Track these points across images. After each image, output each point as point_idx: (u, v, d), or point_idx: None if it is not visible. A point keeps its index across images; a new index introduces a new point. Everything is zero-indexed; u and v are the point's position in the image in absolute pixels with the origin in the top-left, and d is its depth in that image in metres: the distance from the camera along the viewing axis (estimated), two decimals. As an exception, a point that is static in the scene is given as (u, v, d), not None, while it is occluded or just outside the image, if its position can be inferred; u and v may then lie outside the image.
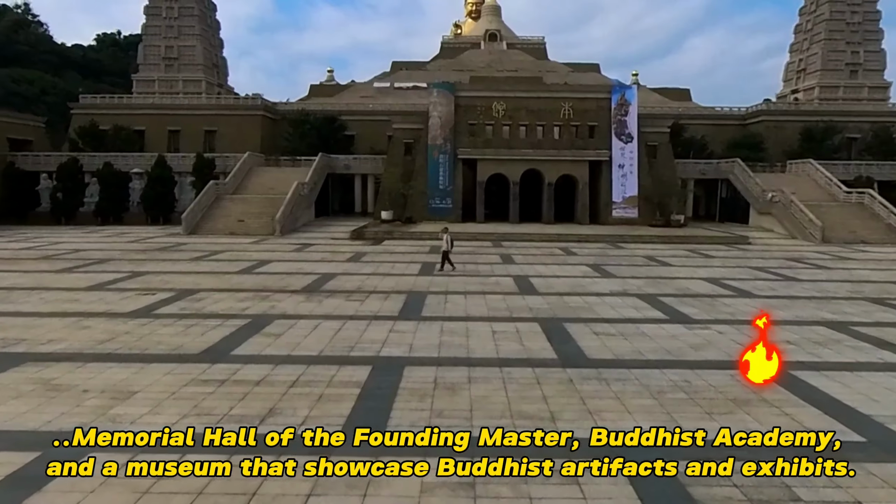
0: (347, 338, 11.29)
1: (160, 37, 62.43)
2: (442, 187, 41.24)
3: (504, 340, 11.18)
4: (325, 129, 53.10)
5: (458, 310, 13.99)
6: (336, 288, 16.90)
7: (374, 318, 13.07)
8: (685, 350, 10.68)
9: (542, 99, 41.76)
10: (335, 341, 11.03)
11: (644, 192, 40.83)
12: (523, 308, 14.24)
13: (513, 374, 9.12)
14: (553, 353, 10.35)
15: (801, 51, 67.00)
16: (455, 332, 11.75)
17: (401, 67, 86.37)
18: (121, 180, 42.98)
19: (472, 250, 26.64)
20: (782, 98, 67.91)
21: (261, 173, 43.62)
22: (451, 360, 9.89)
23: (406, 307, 14.32)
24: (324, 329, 11.94)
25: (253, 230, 34.44)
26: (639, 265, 22.74)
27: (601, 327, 12.28)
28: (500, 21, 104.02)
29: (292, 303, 14.70)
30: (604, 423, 7.24)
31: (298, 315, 13.29)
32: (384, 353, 10.31)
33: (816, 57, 63.62)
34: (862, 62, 62.72)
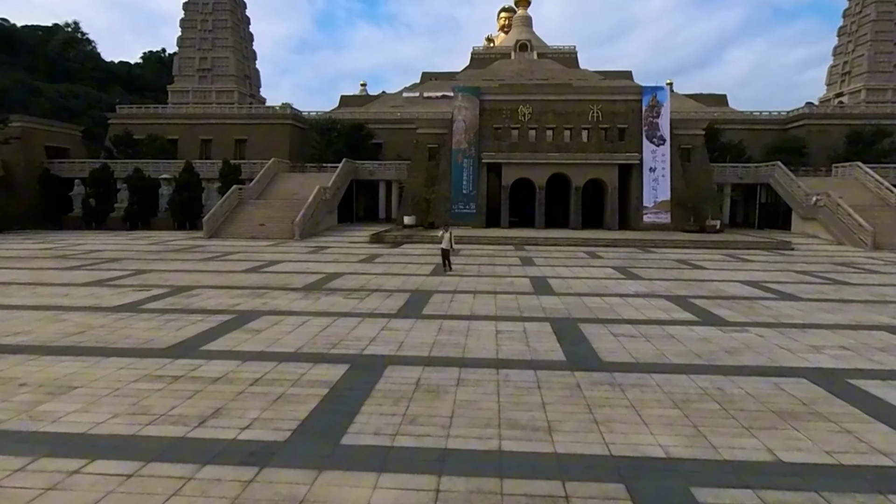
0: (333, 335, 10.17)
1: (195, 48, 63.52)
2: (466, 192, 40.10)
3: (507, 340, 9.87)
4: (352, 136, 52.73)
5: (462, 308, 12.74)
6: (338, 286, 15.85)
7: (368, 315, 11.93)
8: (718, 354, 9.17)
9: (570, 101, 40.30)
10: (318, 338, 9.92)
11: (677, 196, 38.83)
12: (536, 308, 12.88)
13: (510, 377, 7.82)
14: (561, 355, 8.99)
15: (845, 53, 63.84)
16: (454, 331, 10.50)
17: (431, 78, 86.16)
18: (150, 186, 43.31)
19: (492, 253, 25.35)
20: (825, 102, 64.67)
21: (285, 179, 43.33)
22: (443, 360, 8.65)
23: (407, 305, 13.14)
24: (310, 326, 10.85)
25: (273, 234, 33.94)
26: (669, 268, 21.03)
27: (621, 328, 10.84)
28: (530, 31, 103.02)
29: (287, 300, 13.69)
30: (613, 436, 5.89)
31: (289, 311, 12.27)
32: (368, 351, 9.14)
33: (862, 59, 60.43)
34: (911, 63, 59.19)
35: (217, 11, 63.24)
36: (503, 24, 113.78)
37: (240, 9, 66.17)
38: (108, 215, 43.18)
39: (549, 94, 41.11)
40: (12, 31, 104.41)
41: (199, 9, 63.15)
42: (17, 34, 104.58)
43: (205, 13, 63.11)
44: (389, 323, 11.20)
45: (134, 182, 42.48)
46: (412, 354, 8.93)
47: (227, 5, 63.15)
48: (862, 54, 60.28)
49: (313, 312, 12.19)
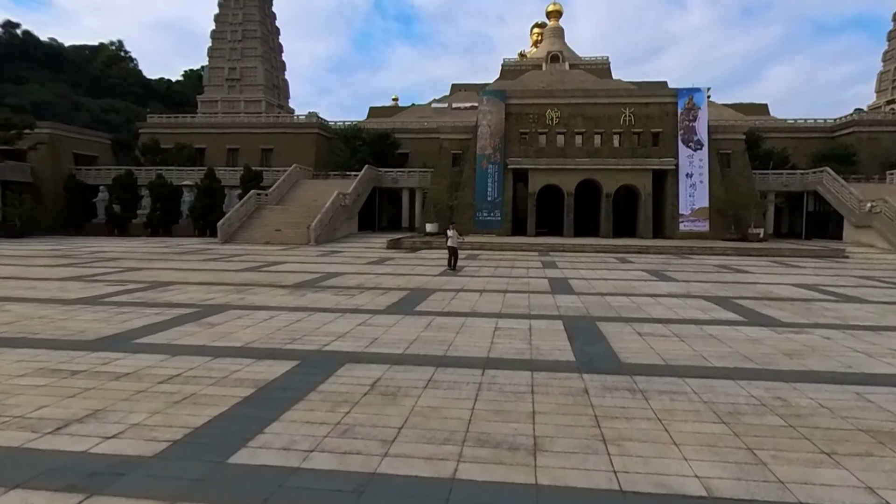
0: (298, 329, 8.53)
1: (224, 59, 64.07)
2: (490, 199, 38.35)
3: (505, 338, 8.04)
4: (377, 145, 51.74)
5: (462, 306, 10.96)
6: (332, 284, 14.26)
7: (351, 311, 10.27)
8: (775, 357, 7.14)
9: (601, 105, 38.31)
10: (278, 333, 8.29)
11: (716, 203, 36.22)
12: (548, 307, 10.99)
13: (497, 379, 6.00)
14: (570, 355, 7.12)
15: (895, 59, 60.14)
16: (443, 328, 8.73)
17: (460, 89, 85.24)
18: (172, 192, 42.99)
19: (513, 258, 23.46)
20: (875, 109, 60.86)
21: (306, 186, 42.43)
22: (417, 358, 6.89)
23: (400, 302, 11.44)
24: (277, 320, 9.25)
25: (289, 239, 32.80)
26: (707, 271, 18.75)
27: (649, 327, 8.88)
28: (562, 43, 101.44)
29: (267, 296, 12.14)
30: (626, 461, 4.02)
31: (263, 307, 10.71)
32: (331, 347, 7.45)
33: (919, 63, 56.62)
34: (974, 67, 55.13)
35: (247, 22, 63.75)
36: (536, 39, 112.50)
37: (269, 20, 66.63)
38: (130, 222, 42.98)
39: (578, 97, 39.24)
40: (59, 50, 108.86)
41: (230, 20, 63.77)
42: (64, 52, 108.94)
43: (234, 24, 63.69)
44: (371, 319, 9.50)
45: (156, 188, 42.22)
46: (381, 352, 7.19)
47: (256, 16, 63.61)
48: (918, 57, 56.53)
49: (289, 308, 10.59)
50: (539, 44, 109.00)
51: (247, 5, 63.96)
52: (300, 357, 6.84)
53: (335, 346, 7.44)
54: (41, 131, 43.83)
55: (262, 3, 65.18)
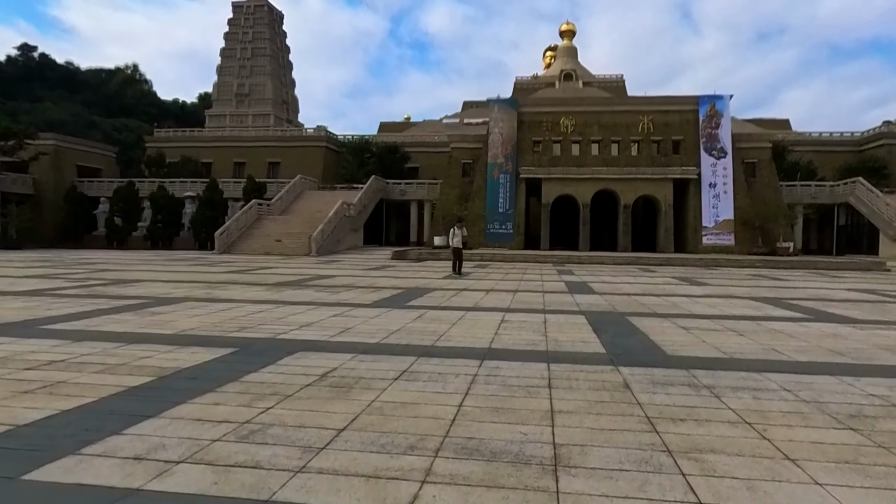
0: (255, 319, 6.91)
1: (233, 75, 63.92)
2: (502, 210, 36.73)
3: (513, 330, 6.33)
4: (386, 158, 50.56)
5: (464, 302, 9.26)
6: (319, 283, 12.64)
7: (330, 305, 8.60)
8: (874, 352, 5.34)
9: (617, 112, 36.79)
10: (228, 322, 6.66)
11: (742, 215, 34.27)
12: (566, 304, 9.25)
13: (500, 371, 4.28)
14: (599, 347, 5.38)
15: (927, 69, 58.14)
16: (437, 320, 7.05)
17: (471, 106, 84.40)
18: (173, 204, 41.98)
19: (525, 268, 21.71)
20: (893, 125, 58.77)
21: (311, 197, 41.18)
22: (395, 348, 5.19)
23: (391, 298, 9.76)
24: (234, 311, 7.64)
25: (289, 250, 31.33)
26: (743, 279, 16.83)
27: (694, 322, 7.12)
28: (576, 62, 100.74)
29: (238, 291, 10.55)
30: (719, 490, 2.27)
31: (227, 300, 9.10)
32: (287, 335, 5.78)
33: (949, 73, 54.56)
34: None
35: (257, 40, 63.70)
36: (548, 62, 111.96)
37: (280, 38, 66.57)
38: (130, 234, 41.93)
39: (593, 105, 37.80)
40: (74, 72, 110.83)
41: (240, 37, 63.78)
42: (79, 74, 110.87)
43: (245, 41, 63.65)
44: (351, 311, 7.83)
45: (157, 200, 41.21)
46: (349, 340, 5.51)
47: (266, 34, 63.54)
48: (946, 69, 54.52)
49: (256, 301, 8.97)
50: (551, 67, 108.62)
51: (257, 23, 64.03)
52: (241, 345, 5.18)
53: (292, 335, 5.77)
54: (45, 142, 43.24)
55: (273, 22, 65.24)
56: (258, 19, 63.44)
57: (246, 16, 63.69)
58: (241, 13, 63.88)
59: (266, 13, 63.79)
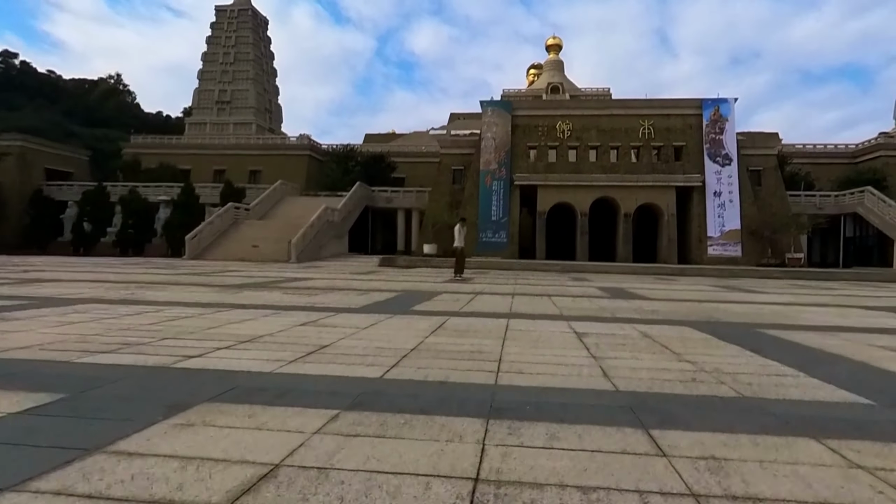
0: (167, 329, 4.63)
1: (214, 81, 61.50)
2: (495, 219, 34.57)
3: (614, 349, 4.13)
4: (371, 167, 48.34)
5: (491, 306, 7.00)
6: (290, 285, 10.24)
7: (300, 309, 6.25)
8: None
9: (616, 117, 35.01)
10: (112, 334, 4.40)
11: (749, 224, 32.49)
12: (637, 310, 7.05)
13: (670, 442, 1.95)
14: (814, 383, 3.08)
15: (920, 84, 57.80)
16: (469, 331, 4.81)
17: (458, 118, 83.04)
18: (146, 209, 39.22)
19: (533, 275, 19.48)
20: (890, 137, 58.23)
21: (292, 202, 38.74)
22: (428, 392, 2.99)
23: (388, 302, 7.47)
24: (144, 318, 5.31)
25: (267, 256, 28.79)
26: (792, 288, 14.71)
27: (863, 337, 4.85)
28: (562, 75, 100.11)
29: (175, 293, 8.16)
30: None
31: (151, 301, 6.71)
32: (201, 360, 3.50)
33: (944, 87, 54.10)
34: None
35: (240, 45, 61.48)
36: (532, 80, 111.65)
37: (264, 43, 64.46)
38: (99, 240, 39.04)
39: (591, 108, 35.99)
40: (55, 81, 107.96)
41: (222, 42, 61.52)
42: (61, 84, 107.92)
43: (227, 46, 61.39)
44: (330, 318, 5.49)
45: (129, 203, 38.45)
46: (328, 373, 3.27)
47: (250, 39, 61.39)
48: (940, 83, 54.06)
49: (193, 303, 6.58)
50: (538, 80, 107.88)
51: (240, 28, 61.89)
52: (86, 382, 2.80)
53: (212, 360, 3.43)
54: (10, 143, 40.37)
55: (256, 27, 63.17)
56: (242, 23, 61.31)
57: (229, 20, 61.55)
58: (225, 17, 61.74)
59: (250, 17, 61.72)
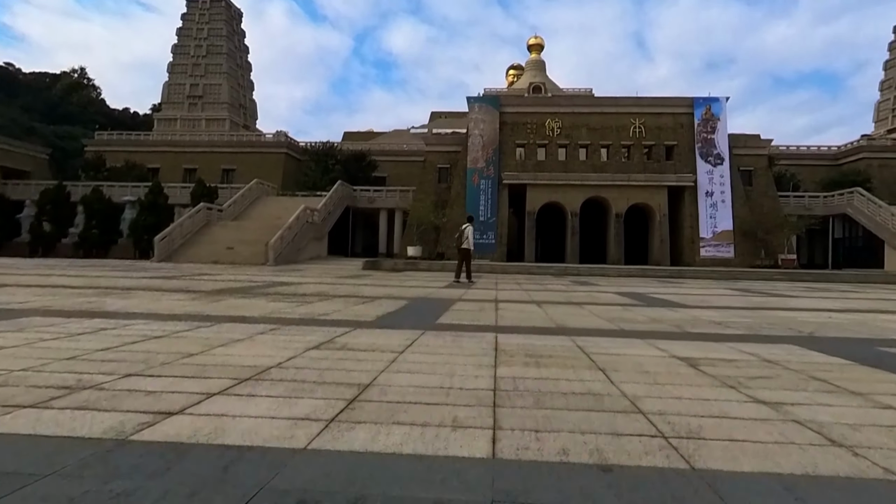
0: (132, 358, 3.06)
1: (186, 75, 58.98)
2: (483, 219, 33.24)
3: (706, 388, 2.68)
4: (352, 165, 46.62)
5: (522, 319, 5.58)
6: (278, 291, 8.71)
7: (301, 323, 4.75)
8: None
9: (607, 115, 34.05)
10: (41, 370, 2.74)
11: (742, 225, 31.84)
12: (693, 322, 5.66)
13: None
14: None
15: (894, 87, 58.62)
16: (530, 357, 3.30)
17: (440, 116, 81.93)
18: (110, 209, 36.84)
19: (535, 279, 18.19)
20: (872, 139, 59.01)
21: (269, 203, 36.85)
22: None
23: (403, 313, 6.04)
24: (99, 339, 3.78)
25: (242, 259, 26.94)
26: (825, 292, 13.66)
27: None
28: (544, 75, 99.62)
29: (140, 301, 6.55)
30: None
31: (108, 314, 5.14)
32: (185, 427, 1.98)
33: (918, 91, 54.99)
34: (975, 95, 53.61)
35: (212, 37, 59.09)
36: (511, 80, 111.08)
37: (238, 37, 62.16)
38: (59, 241, 36.50)
39: (581, 105, 34.96)
40: (14, 74, 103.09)
41: (194, 34, 59.05)
42: (20, 77, 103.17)
43: (199, 38, 58.94)
44: (347, 336, 4.04)
45: (91, 203, 36.04)
46: (404, 450, 1.75)
47: (223, 31, 59.05)
48: (917, 86, 54.89)
49: (166, 315, 5.04)
50: (520, 80, 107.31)
51: (213, 19, 59.50)
52: None
53: (198, 426, 1.95)
54: (-40, 138, 37.60)
55: (230, 19, 60.86)
56: (214, 15, 58.93)
57: (201, 11, 59.11)
58: (196, 8, 59.27)
59: (223, 9, 59.38)
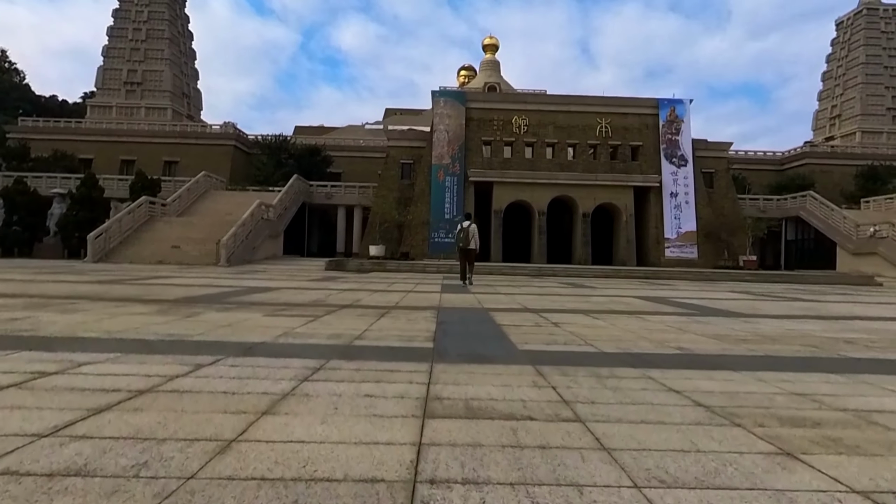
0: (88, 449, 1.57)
1: (123, 59, 54.82)
2: (449, 217, 32.05)
3: None
4: (306, 160, 44.48)
5: (588, 338, 4.36)
6: (262, 300, 7.21)
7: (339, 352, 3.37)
8: None
9: (574, 113, 33.53)
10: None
11: (705, 226, 32.02)
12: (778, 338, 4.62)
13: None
14: None
15: (832, 98, 61.51)
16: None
17: (394, 113, 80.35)
18: (35, 202, 33.35)
19: (521, 281, 17.11)
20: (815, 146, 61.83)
21: (218, 198, 34.36)
22: None
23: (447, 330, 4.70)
24: (54, 398, 2.23)
25: (191, 258, 24.66)
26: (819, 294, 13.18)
27: None
28: (499, 76, 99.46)
29: (87, 316, 4.98)
30: None
31: (51, 342, 3.55)
32: None
33: (854, 102, 57.83)
34: (904, 106, 56.90)
35: (153, 21, 55.21)
36: (463, 81, 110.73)
37: (181, 21, 58.42)
38: (-30, 239, 32.74)
39: (548, 103, 34.27)
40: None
41: (132, 17, 55.03)
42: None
43: (139, 21, 54.97)
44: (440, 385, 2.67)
45: (13, 196, 32.51)
46: None
47: (165, 14, 55.28)
48: (853, 97, 57.70)
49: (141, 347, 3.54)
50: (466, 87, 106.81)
51: (154, 1, 55.61)
52: None
53: None
54: None
55: (173, 2, 57.08)
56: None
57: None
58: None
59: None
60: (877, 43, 57.36)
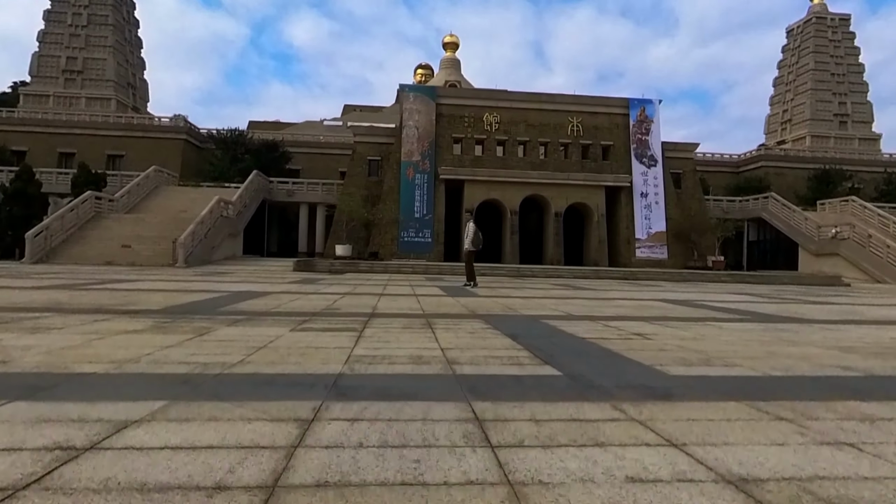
0: None
1: (61, 46, 50.95)
2: (419, 216, 31.00)
3: None
4: (264, 155, 42.32)
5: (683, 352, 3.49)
6: (264, 309, 6.02)
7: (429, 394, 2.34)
8: None
9: (545, 112, 33.07)
10: None
11: (674, 226, 32.17)
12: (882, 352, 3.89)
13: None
14: None
15: (783, 102, 63.81)
16: None
17: (353, 109, 78.40)
18: (-39, 198, 30.21)
19: (509, 283, 16.24)
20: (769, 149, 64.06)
21: (171, 194, 32.09)
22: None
23: (532, 349, 3.67)
24: None
25: (143, 259, 22.65)
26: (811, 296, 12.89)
27: None
28: (459, 74, 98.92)
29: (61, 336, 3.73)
30: None
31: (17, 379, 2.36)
32: None
33: (804, 107, 60.10)
34: (850, 113, 59.51)
35: (95, 5, 51.56)
36: (420, 80, 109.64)
37: (126, 7, 54.84)
38: None
39: (519, 101, 33.63)
40: None
41: (73, 0, 51.24)
42: None
43: (79, 5, 51.21)
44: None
45: (-65, 190, 29.36)
46: None
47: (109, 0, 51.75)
48: (803, 102, 59.92)
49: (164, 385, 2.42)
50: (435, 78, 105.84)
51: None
52: None
53: None
54: None
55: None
56: (97, -20, 51.51)
57: (81, -26, 51.43)
58: (75, -30, 51.48)
59: (109, -26, 52.08)
60: (825, 50, 59.72)
